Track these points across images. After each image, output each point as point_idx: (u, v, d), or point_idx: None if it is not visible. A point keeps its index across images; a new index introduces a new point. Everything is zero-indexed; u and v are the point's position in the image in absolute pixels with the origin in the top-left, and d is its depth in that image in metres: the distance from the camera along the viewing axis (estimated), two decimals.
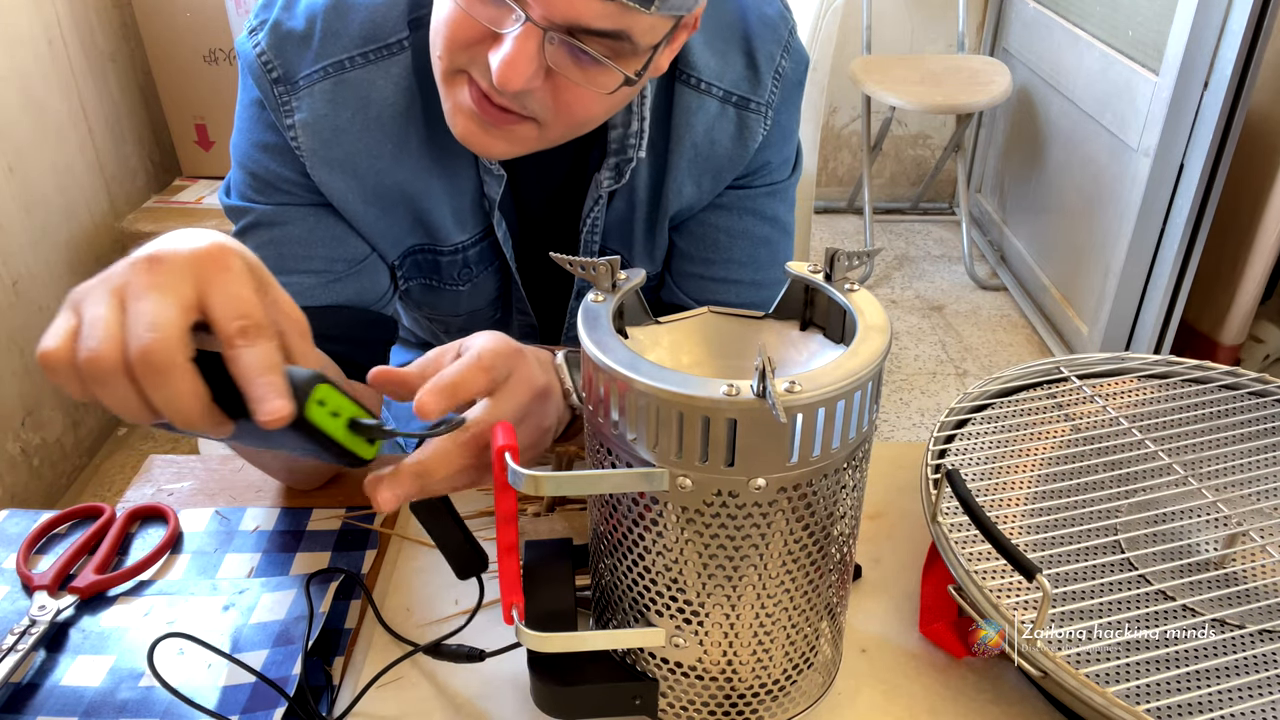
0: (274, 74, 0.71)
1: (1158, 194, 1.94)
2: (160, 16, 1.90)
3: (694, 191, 0.80)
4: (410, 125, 0.74)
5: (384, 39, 0.71)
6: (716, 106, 0.77)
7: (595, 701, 0.54)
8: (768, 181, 0.83)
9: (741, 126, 0.78)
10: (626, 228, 0.82)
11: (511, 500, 0.51)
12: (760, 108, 0.78)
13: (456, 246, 0.81)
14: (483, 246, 0.82)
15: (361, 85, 0.72)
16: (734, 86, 0.77)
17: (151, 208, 1.93)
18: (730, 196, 0.83)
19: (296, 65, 0.71)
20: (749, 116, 0.78)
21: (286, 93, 0.72)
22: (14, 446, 1.68)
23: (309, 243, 0.75)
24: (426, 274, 0.83)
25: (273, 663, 0.60)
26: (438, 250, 0.81)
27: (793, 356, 0.55)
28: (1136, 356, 0.79)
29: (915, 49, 2.80)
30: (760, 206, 0.84)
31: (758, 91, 0.78)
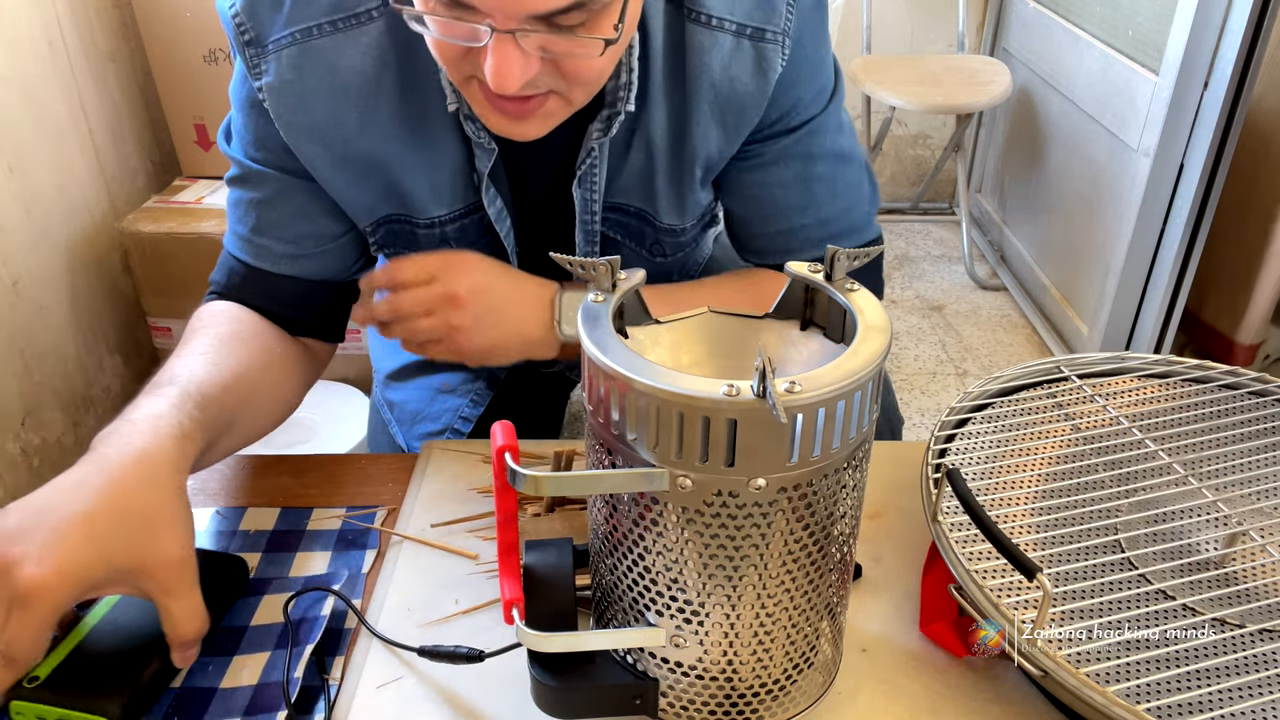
0: (245, 36, 0.73)
1: (1158, 194, 1.94)
2: (160, 16, 1.90)
3: (720, 135, 0.78)
4: (380, 95, 0.73)
5: (353, 8, 0.71)
6: (731, 41, 0.74)
7: (595, 701, 0.54)
8: (803, 120, 0.80)
9: (759, 59, 0.75)
10: (647, 182, 0.80)
11: (512, 500, 0.51)
12: (777, 36, 0.74)
13: (433, 220, 0.80)
14: (464, 224, 0.81)
15: (328, 53, 0.72)
16: (746, 18, 0.74)
17: (151, 208, 1.93)
18: (770, 150, 0.80)
19: (267, 28, 0.72)
20: (766, 48, 0.74)
21: (256, 55, 0.73)
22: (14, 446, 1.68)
23: (282, 213, 0.78)
24: (403, 244, 0.82)
25: (273, 665, 0.60)
26: (414, 222, 0.80)
27: (793, 356, 0.55)
28: (1136, 356, 0.79)
29: (915, 49, 2.80)
30: (805, 148, 0.81)
31: (772, 20, 0.74)
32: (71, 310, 1.84)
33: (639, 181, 0.80)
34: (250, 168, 0.78)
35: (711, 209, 0.86)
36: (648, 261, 0.87)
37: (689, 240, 0.86)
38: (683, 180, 0.80)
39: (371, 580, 0.67)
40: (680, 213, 0.82)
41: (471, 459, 0.78)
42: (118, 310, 2.00)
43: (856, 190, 0.85)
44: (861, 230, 0.87)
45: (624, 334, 0.53)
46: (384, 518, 0.73)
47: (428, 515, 0.72)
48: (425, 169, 0.77)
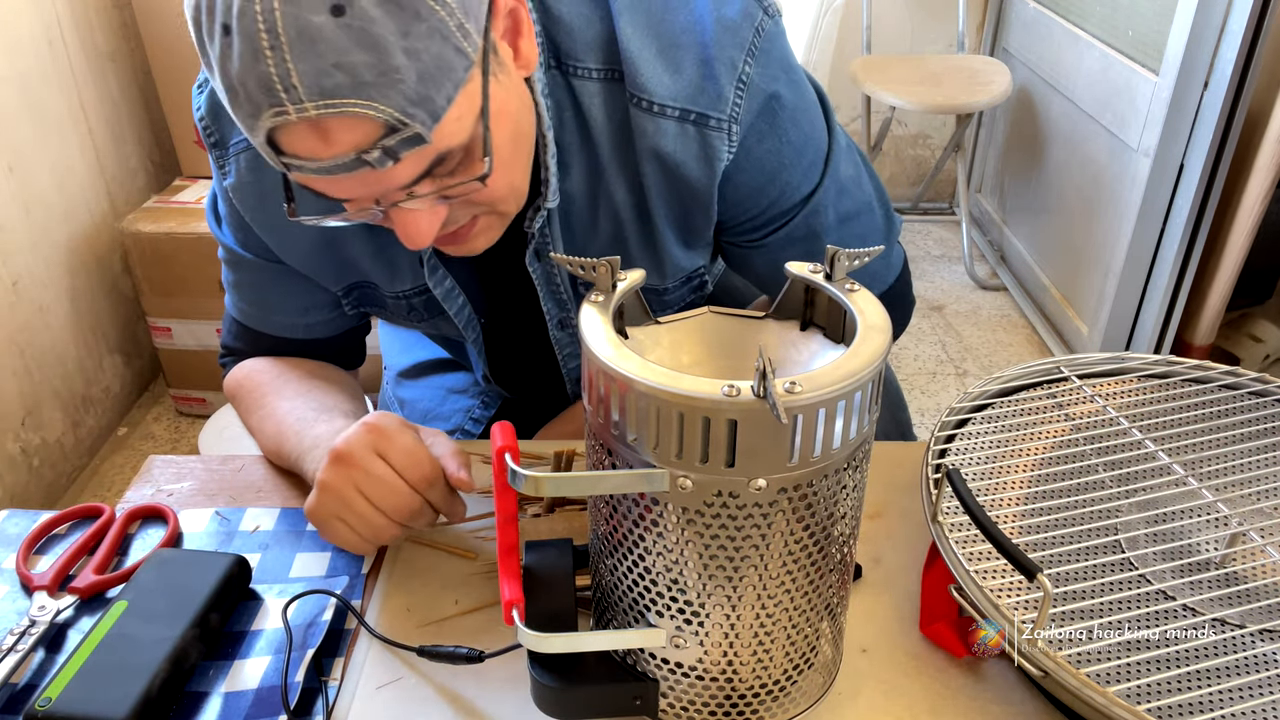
0: (211, 138, 0.75)
1: (1158, 194, 1.94)
2: (160, 16, 1.90)
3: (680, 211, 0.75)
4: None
5: None
6: (675, 127, 0.70)
7: (595, 701, 0.54)
8: (801, 199, 0.76)
9: (704, 145, 0.71)
10: (620, 246, 0.78)
11: (512, 501, 0.51)
12: (722, 124, 0.70)
13: (397, 294, 0.81)
14: (429, 298, 0.81)
15: None
16: (690, 103, 0.70)
17: (151, 208, 1.93)
18: (775, 237, 0.78)
19: (227, 132, 0.74)
20: (710, 135, 0.70)
21: (221, 157, 0.75)
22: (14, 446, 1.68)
23: (278, 294, 0.82)
24: (376, 307, 0.84)
25: (274, 669, 0.60)
26: (381, 291, 0.82)
27: (793, 356, 0.54)
28: (1136, 356, 0.79)
29: (915, 49, 2.80)
30: (809, 228, 0.78)
31: (717, 106, 0.70)
32: (71, 310, 1.84)
33: (611, 247, 0.78)
34: (240, 255, 0.81)
35: (700, 274, 0.83)
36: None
37: (675, 301, 0.84)
38: (656, 244, 0.78)
39: (371, 580, 0.67)
40: (659, 274, 0.80)
41: (471, 459, 0.78)
42: (118, 310, 2.00)
43: (871, 234, 0.83)
44: (883, 270, 0.84)
45: (624, 334, 0.53)
46: None
47: None
48: (381, 253, 0.78)
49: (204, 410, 2.01)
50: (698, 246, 0.80)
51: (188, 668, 0.59)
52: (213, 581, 0.62)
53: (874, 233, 0.83)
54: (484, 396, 0.98)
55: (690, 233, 0.78)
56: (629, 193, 0.75)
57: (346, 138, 0.53)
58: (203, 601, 0.61)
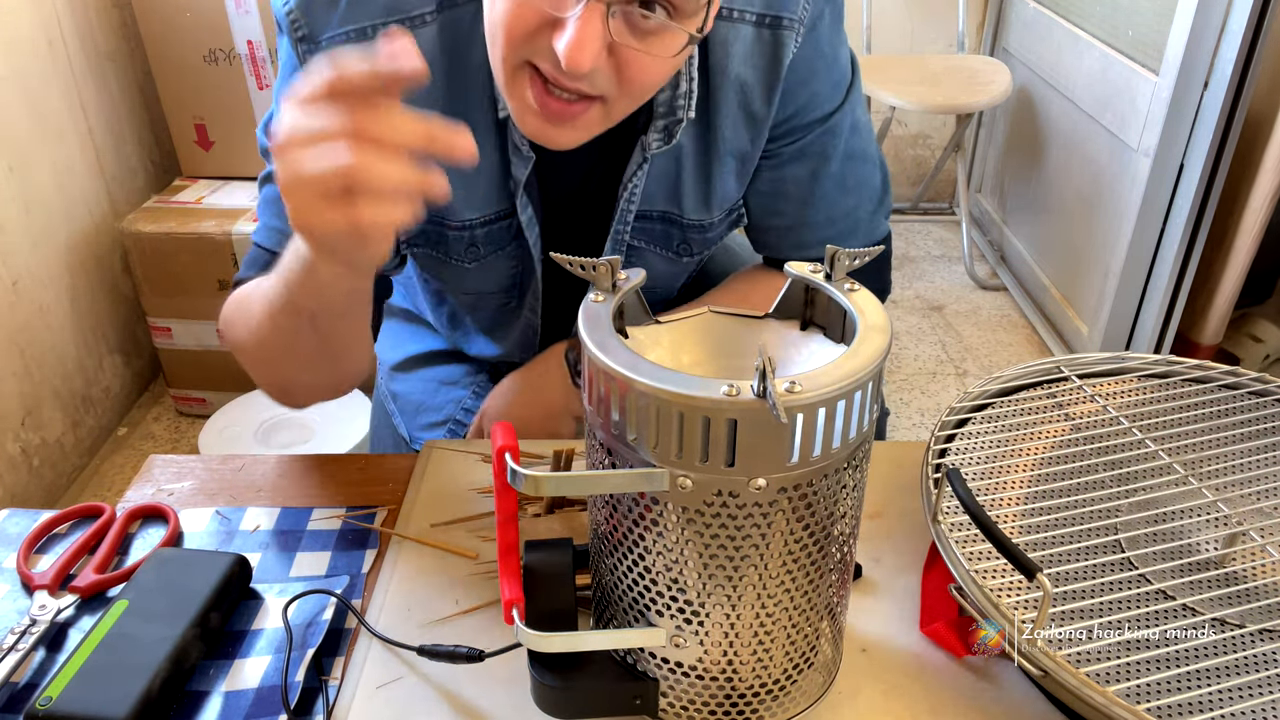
0: (299, 31, 0.73)
1: (1158, 194, 1.94)
2: (160, 16, 1.90)
3: (746, 127, 0.78)
4: (429, 99, 0.74)
5: (409, 10, 0.72)
6: (751, 32, 0.74)
7: (595, 701, 0.54)
8: (820, 116, 0.80)
9: (775, 45, 0.75)
10: (672, 183, 0.80)
11: (512, 501, 0.51)
12: (793, 24, 0.75)
13: (464, 224, 0.80)
14: (493, 229, 0.81)
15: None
16: (765, 7, 0.74)
17: (151, 208, 1.93)
18: (789, 149, 0.81)
19: (321, 25, 0.72)
20: (782, 34, 0.75)
21: (309, 51, 0.73)
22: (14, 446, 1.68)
23: None
24: (432, 244, 0.83)
25: (275, 668, 0.60)
26: (444, 223, 0.81)
27: (793, 356, 0.55)
28: (1136, 356, 0.79)
29: (915, 49, 2.80)
30: (820, 147, 0.81)
31: (789, 7, 0.74)
32: (71, 310, 1.84)
33: (662, 184, 0.80)
34: None
35: (738, 206, 0.86)
36: (673, 263, 0.87)
37: (715, 236, 0.86)
38: (710, 175, 0.80)
39: (371, 580, 0.67)
40: (707, 206, 0.83)
41: (471, 459, 0.78)
42: (118, 310, 2.00)
43: (867, 188, 0.86)
44: (868, 229, 0.87)
45: (624, 334, 0.53)
46: (384, 518, 0.73)
47: (428, 515, 0.72)
48: (461, 174, 0.77)
49: (204, 410, 2.01)
50: (746, 175, 0.83)
51: (188, 667, 0.59)
52: (213, 581, 0.62)
53: (870, 188, 0.86)
54: (475, 388, 0.98)
55: (746, 162, 0.81)
56: (697, 127, 0.77)
57: None
58: (203, 601, 0.61)
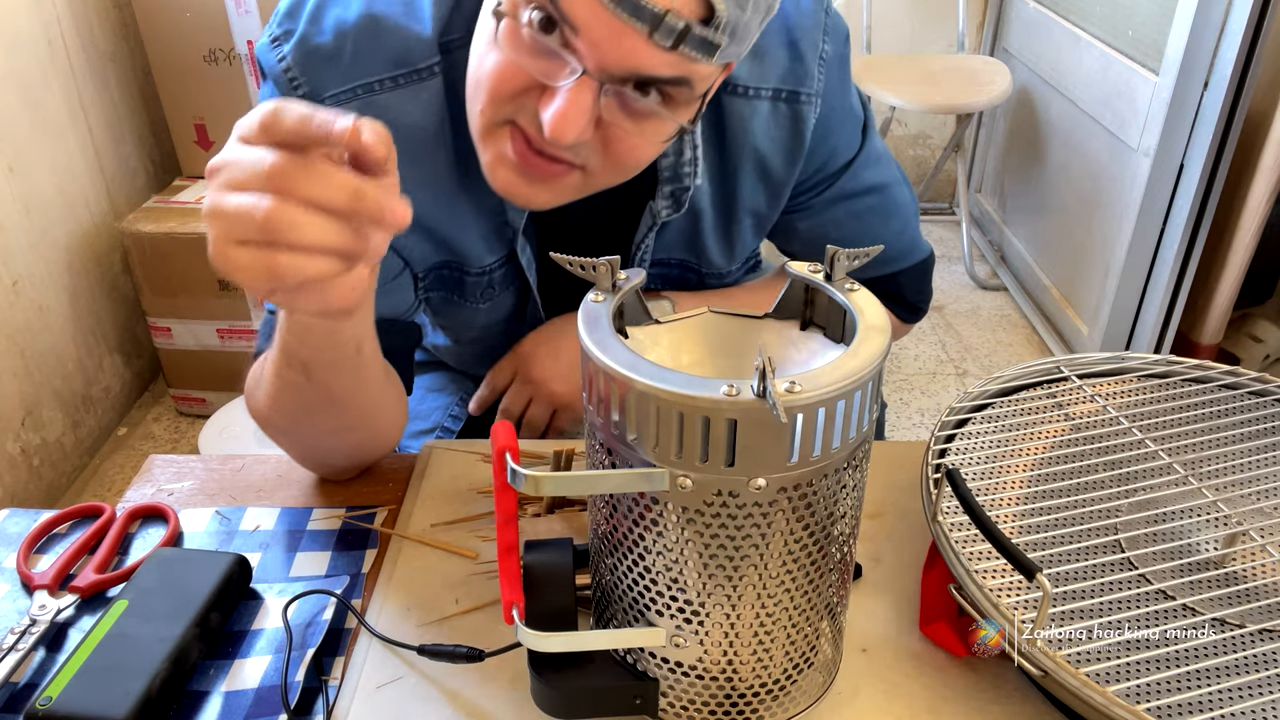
0: (299, 90, 0.70)
1: (1158, 194, 1.94)
2: (160, 16, 1.90)
3: (764, 192, 0.80)
4: (440, 151, 0.72)
5: (415, 63, 0.69)
6: (768, 107, 0.76)
7: (595, 701, 0.54)
8: (842, 164, 0.83)
9: (795, 119, 0.77)
10: (692, 240, 0.81)
11: (512, 500, 0.51)
12: (811, 98, 0.77)
13: (484, 269, 0.81)
14: (508, 268, 0.82)
15: (390, 109, 0.69)
16: (781, 83, 0.76)
17: (151, 208, 1.93)
18: (818, 201, 0.83)
19: (323, 84, 0.69)
20: (801, 109, 0.77)
21: None
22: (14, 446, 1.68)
23: None
24: (450, 289, 0.83)
25: (275, 668, 0.60)
26: (464, 270, 0.81)
27: (793, 356, 0.55)
28: (1136, 356, 0.79)
29: (915, 49, 2.80)
30: (849, 190, 0.84)
31: (805, 83, 0.76)
32: (71, 310, 1.84)
33: (683, 239, 0.81)
34: None
35: (756, 254, 0.88)
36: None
37: (733, 281, 0.88)
38: (731, 234, 0.82)
39: (371, 580, 0.67)
40: (729, 258, 0.85)
41: (471, 459, 0.78)
42: (118, 310, 2.00)
43: (906, 208, 0.89)
44: (914, 248, 0.90)
45: (624, 334, 0.53)
46: (384, 518, 0.73)
47: (428, 515, 0.72)
48: (474, 219, 0.77)
49: (204, 410, 2.01)
50: (766, 229, 0.85)
51: (188, 667, 0.59)
52: (213, 581, 0.62)
53: (908, 206, 0.89)
54: (462, 395, 0.98)
55: (767, 219, 0.83)
56: (713, 186, 0.79)
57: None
58: (203, 601, 0.61)
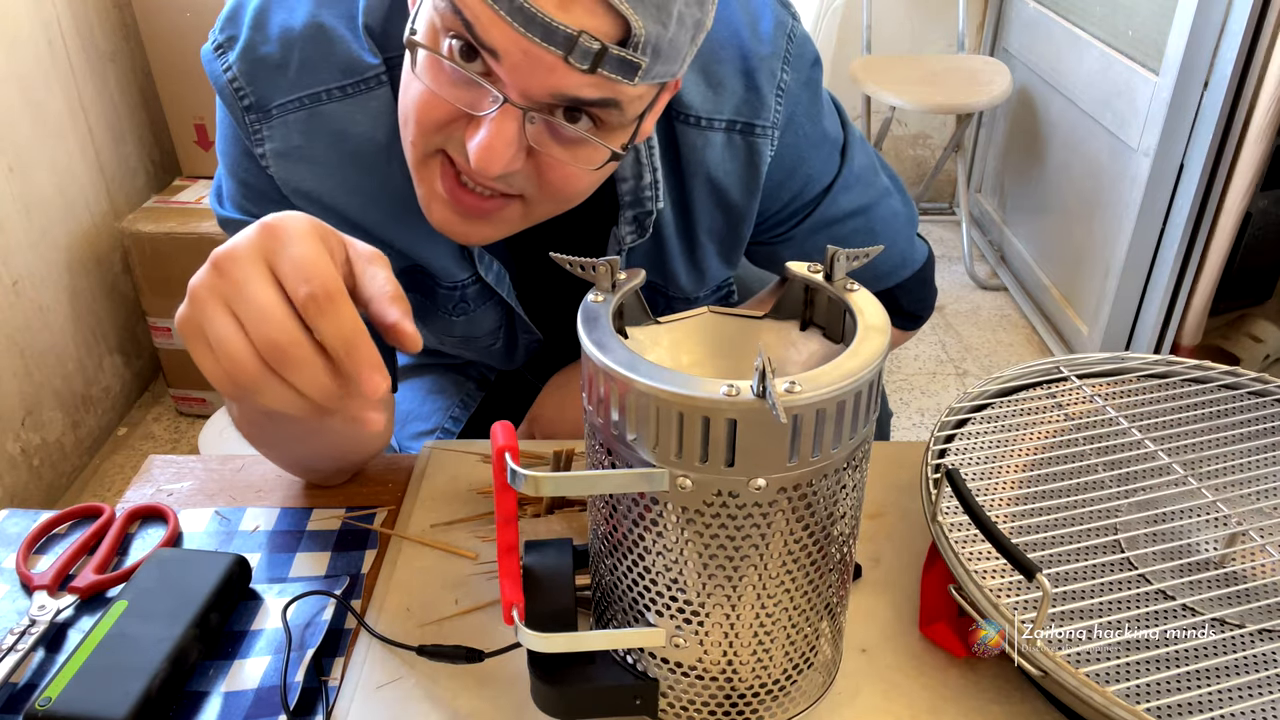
0: (245, 100, 0.68)
1: (1158, 194, 1.94)
2: (160, 16, 1.90)
3: (723, 221, 0.78)
4: (393, 163, 0.69)
5: (362, 73, 0.68)
6: (722, 138, 0.73)
7: (595, 701, 0.54)
8: (821, 190, 0.80)
9: (750, 152, 0.74)
10: (658, 263, 0.80)
11: (512, 500, 0.51)
12: (766, 130, 0.74)
13: (455, 284, 0.79)
14: (481, 286, 0.80)
15: (338, 119, 0.68)
16: (735, 114, 0.73)
17: (151, 208, 1.93)
18: (800, 230, 0.81)
19: (270, 94, 0.68)
20: (756, 141, 0.74)
21: (258, 120, 0.69)
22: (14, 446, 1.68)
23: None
24: (424, 294, 0.81)
25: (274, 669, 0.60)
26: (436, 281, 0.79)
27: (793, 356, 0.55)
28: (1136, 356, 0.79)
29: (915, 49, 2.80)
30: (831, 215, 0.81)
31: (761, 114, 0.73)
32: (71, 310, 1.84)
33: (649, 262, 0.80)
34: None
35: (729, 283, 0.87)
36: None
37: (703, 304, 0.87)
38: (695, 258, 0.81)
39: (371, 580, 0.67)
40: (698, 283, 0.83)
41: (471, 459, 0.78)
42: (118, 310, 2.00)
43: (896, 219, 0.86)
44: (906, 261, 0.88)
45: (624, 334, 0.53)
46: (384, 518, 0.73)
47: (428, 515, 0.72)
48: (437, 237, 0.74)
49: (204, 410, 2.01)
50: (735, 256, 0.83)
51: (188, 667, 0.59)
52: (213, 581, 0.62)
53: (898, 217, 0.86)
54: (463, 396, 0.98)
55: (731, 247, 0.81)
56: (673, 210, 0.77)
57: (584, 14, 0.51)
58: (203, 601, 0.61)
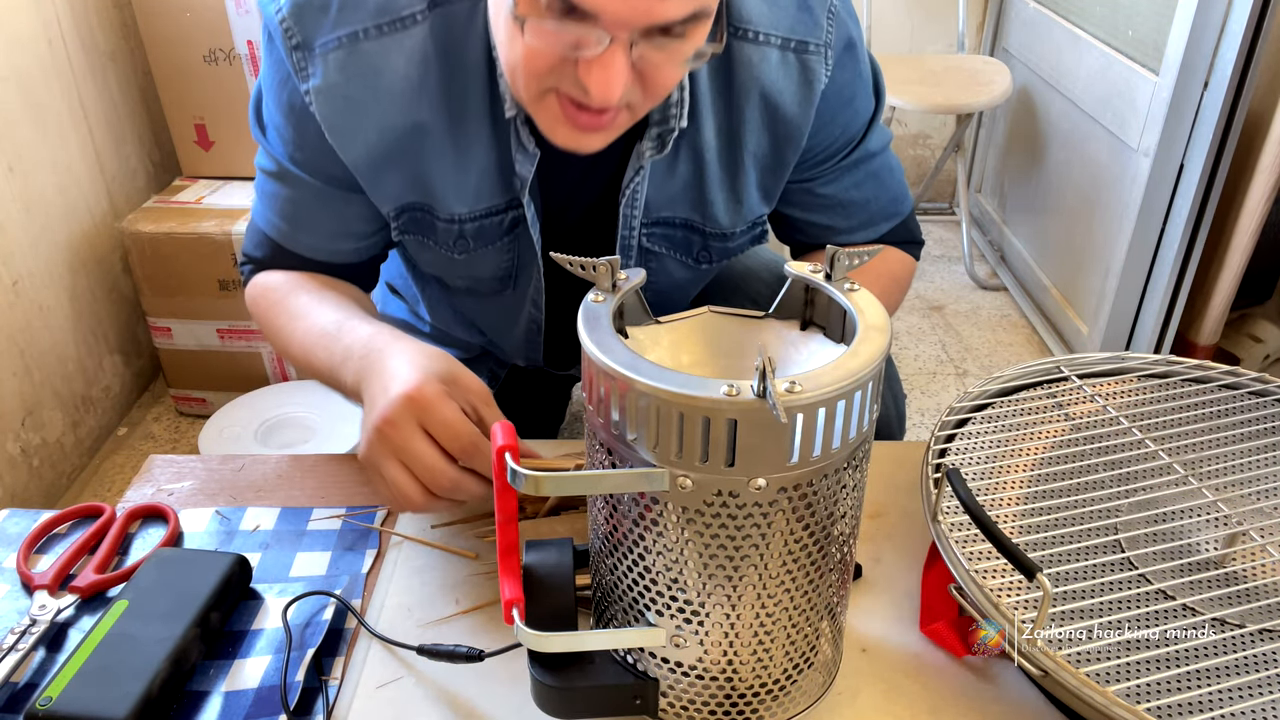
0: (293, 40, 0.74)
1: (1158, 194, 1.94)
2: (160, 16, 1.90)
3: (769, 144, 0.80)
4: (422, 97, 0.74)
5: (398, 11, 0.73)
6: (777, 55, 0.76)
7: (595, 701, 0.54)
8: (863, 126, 0.85)
9: (804, 71, 0.77)
10: (697, 193, 0.82)
11: (512, 500, 0.51)
12: (820, 49, 0.77)
13: (452, 217, 0.81)
14: (483, 225, 0.82)
15: (374, 56, 0.73)
16: (790, 32, 0.76)
17: (151, 208, 1.93)
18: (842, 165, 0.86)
19: (314, 33, 0.73)
20: (810, 59, 0.77)
21: (304, 59, 0.74)
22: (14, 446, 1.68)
23: (314, 215, 0.83)
24: (424, 232, 0.84)
25: (275, 669, 0.60)
26: (434, 215, 0.81)
27: (793, 356, 0.55)
28: (1136, 356, 0.79)
29: (915, 49, 2.80)
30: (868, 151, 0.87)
31: (814, 33, 0.76)
32: (71, 310, 1.84)
33: (687, 193, 0.82)
34: (288, 169, 0.81)
35: (762, 221, 0.88)
36: (691, 270, 0.88)
37: (737, 247, 0.88)
38: (738, 186, 0.82)
39: (371, 580, 0.67)
40: (736, 216, 0.84)
41: None
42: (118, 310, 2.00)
43: (899, 165, 0.93)
44: (906, 196, 0.94)
45: (624, 334, 0.53)
46: (384, 518, 0.73)
47: (428, 515, 0.72)
48: (454, 170, 0.78)
49: (204, 410, 2.01)
50: (774, 191, 0.85)
51: (188, 667, 0.59)
52: (213, 581, 0.62)
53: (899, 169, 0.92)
54: None
55: (774, 174, 0.83)
56: (718, 133, 0.79)
57: None
58: (203, 601, 0.61)
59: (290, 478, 0.78)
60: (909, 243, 0.95)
